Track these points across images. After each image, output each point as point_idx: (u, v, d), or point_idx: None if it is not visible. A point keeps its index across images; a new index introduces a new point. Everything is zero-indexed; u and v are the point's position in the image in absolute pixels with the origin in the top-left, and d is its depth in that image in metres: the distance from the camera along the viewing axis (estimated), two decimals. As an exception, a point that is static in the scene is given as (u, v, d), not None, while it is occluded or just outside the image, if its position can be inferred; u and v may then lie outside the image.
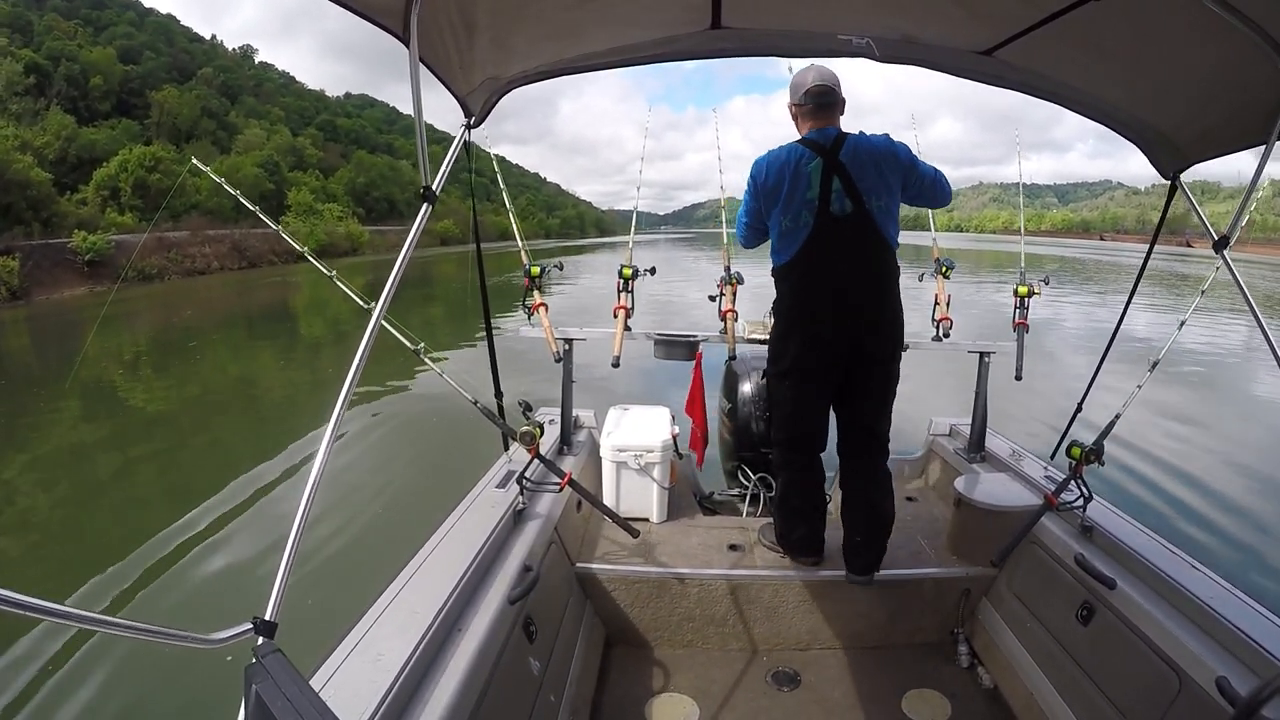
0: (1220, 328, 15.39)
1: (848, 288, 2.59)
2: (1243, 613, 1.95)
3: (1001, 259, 51.05)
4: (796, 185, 2.57)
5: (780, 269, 2.70)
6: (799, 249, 2.60)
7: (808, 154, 2.58)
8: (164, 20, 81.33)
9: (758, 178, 2.69)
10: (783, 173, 2.59)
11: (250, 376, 14.04)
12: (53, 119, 45.23)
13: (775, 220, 2.65)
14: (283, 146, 67.95)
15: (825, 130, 2.63)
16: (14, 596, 0.79)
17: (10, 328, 22.17)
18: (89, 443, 9.47)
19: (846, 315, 2.59)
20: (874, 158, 2.58)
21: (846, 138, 2.60)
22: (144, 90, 60.27)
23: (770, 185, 2.63)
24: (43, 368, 15.61)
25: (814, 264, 2.59)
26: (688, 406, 3.77)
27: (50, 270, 30.75)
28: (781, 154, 2.63)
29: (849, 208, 2.54)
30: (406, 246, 1.63)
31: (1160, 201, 2.43)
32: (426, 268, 37.17)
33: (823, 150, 2.57)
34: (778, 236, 2.67)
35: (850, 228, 2.55)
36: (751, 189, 2.74)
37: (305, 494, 1.32)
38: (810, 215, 2.55)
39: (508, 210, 3.51)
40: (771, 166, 2.64)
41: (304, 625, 1.82)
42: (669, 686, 2.72)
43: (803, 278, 2.63)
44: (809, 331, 2.65)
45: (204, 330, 20.74)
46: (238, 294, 30.49)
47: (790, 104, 2.74)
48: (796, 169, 2.57)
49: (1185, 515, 6.12)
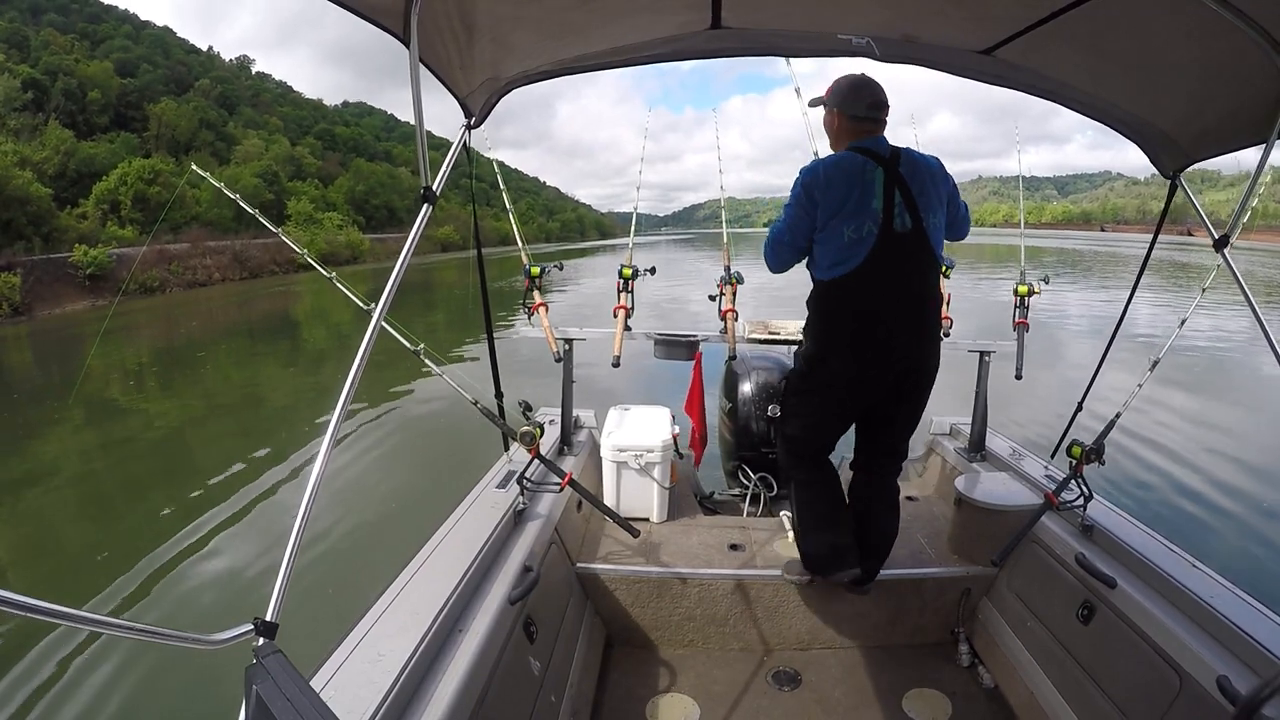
0: (1221, 320, 15.36)
1: (901, 308, 2.42)
2: (1243, 612, 1.95)
3: (1002, 253, 51.03)
4: (861, 193, 2.36)
5: (832, 283, 2.43)
6: (860, 262, 2.37)
7: (870, 162, 2.38)
8: (160, 32, 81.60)
9: (814, 185, 2.42)
10: (847, 179, 2.37)
11: (254, 384, 14.05)
12: (51, 134, 45.29)
13: (835, 231, 2.38)
14: (281, 156, 67.99)
15: (879, 141, 2.47)
16: (18, 599, 0.80)
17: (13, 344, 22.20)
18: (93, 454, 9.49)
19: (896, 336, 2.43)
20: (929, 174, 2.44)
21: (901, 151, 2.45)
22: (142, 103, 60.38)
23: (832, 192, 2.38)
24: (46, 383, 15.63)
25: (872, 280, 2.38)
26: (686, 406, 3.78)
27: (52, 285, 30.78)
28: (842, 159, 2.43)
29: (909, 223, 2.37)
30: (407, 247, 1.64)
31: (1160, 191, 2.43)
32: (427, 274, 37.24)
33: (883, 160, 2.39)
34: (836, 249, 2.40)
35: (910, 244, 2.38)
36: (803, 199, 2.44)
37: (306, 495, 1.33)
38: (875, 226, 2.35)
39: (508, 214, 3.51)
40: (833, 172, 2.41)
41: (305, 625, 1.83)
42: (670, 686, 2.72)
43: (858, 293, 2.40)
44: (855, 350, 2.44)
45: (209, 341, 20.82)
46: (240, 305, 30.53)
47: (836, 110, 2.54)
48: (862, 176, 2.37)
49: (1186, 514, 6.11)
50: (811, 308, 2.56)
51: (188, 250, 40.56)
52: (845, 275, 2.39)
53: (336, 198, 69.69)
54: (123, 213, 42.22)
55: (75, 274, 32.18)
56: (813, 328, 2.56)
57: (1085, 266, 41.82)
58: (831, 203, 2.38)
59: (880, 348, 2.42)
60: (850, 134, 2.50)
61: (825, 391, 2.55)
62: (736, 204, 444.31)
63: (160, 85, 66.34)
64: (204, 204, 42.77)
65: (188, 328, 24.17)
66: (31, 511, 7.37)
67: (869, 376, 2.46)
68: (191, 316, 26.90)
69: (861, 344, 2.42)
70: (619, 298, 3.31)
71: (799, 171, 2.49)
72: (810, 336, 2.57)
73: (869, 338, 2.41)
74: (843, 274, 2.39)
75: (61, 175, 42.68)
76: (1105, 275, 33.70)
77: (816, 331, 2.54)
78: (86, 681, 4.10)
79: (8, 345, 21.86)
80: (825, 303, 2.50)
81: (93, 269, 32.48)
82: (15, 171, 35.23)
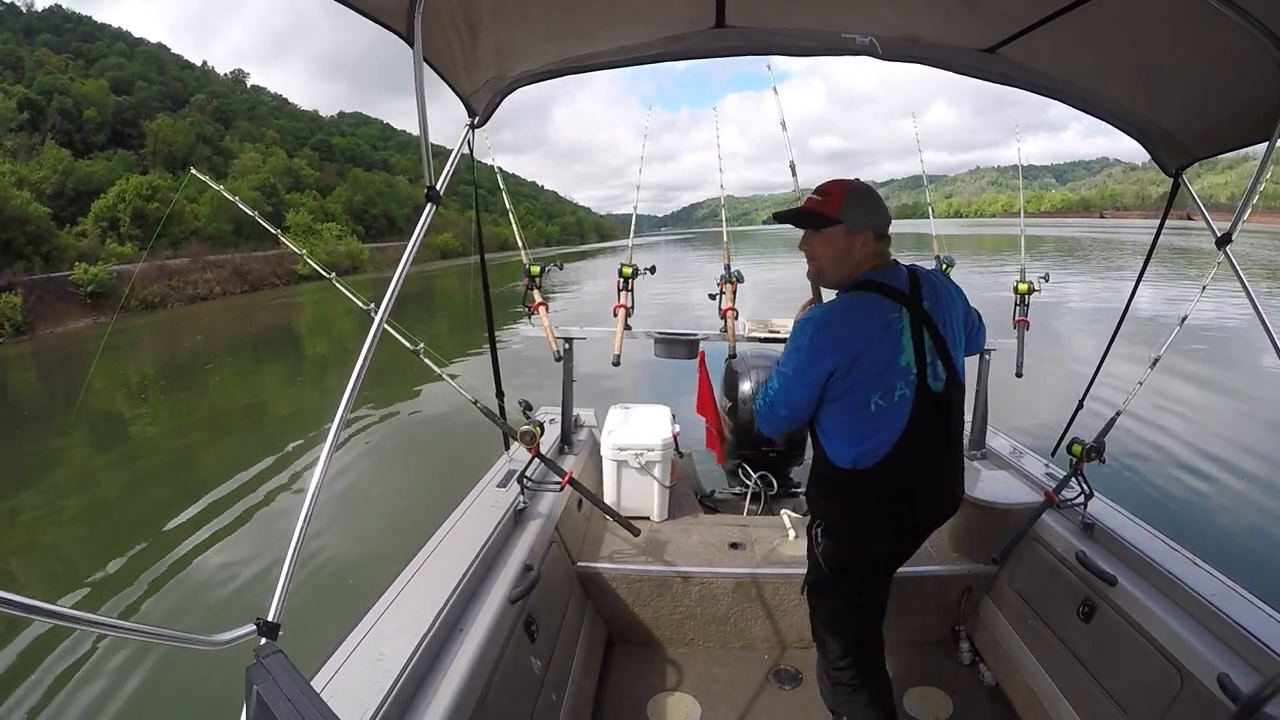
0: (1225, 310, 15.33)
1: (937, 483, 1.99)
2: (1244, 610, 1.94)
3: (1001, 243, 50.91)
4: (887, 350, 1.83)
5: (863, 473, 1.87)
6: (895, 443, 1.83)
7: (890, 304, 1.85)
8: (154, 49, 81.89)
9: (825, 348, 1.82)
10: (870, 331, 1.82)
11: (257, 395, 14.10)
12: (48, 153, 45.41)
13: (856, 401, 1.83)
14: (279, 169, 68.13)
15: (896, 270, 1.94)
16: (22, 600, 0.81)
17: (15, 363, 22.28)
18: (97, 466, 9.54)
19: (931, 508, 2.02)
20: (949, 300, 1.98)
21: (918, 276, 1.95)
22: (138, 120, 60.54)
23: (855, 354, 1.80)
24: (50, 401, 15.68)
25: (910, 461, 1.86)
26: (698, 406, 3.77)
27: (53, 304, 30.89)
28: (859, 305, 1.87)
29: (942, 376, 1.89)
30: (411, 245, 1.64)
31: (1159, 175, 2.42)
32: (428, 282, 37.29)
33: (905, 299, 1.87)
34: (859, 424, 1.85)
35: (946, 406, 1.91)
36: (807, 365, 1.85)
37: (308, 497, 1.33)
38: (909, 389, 1.83)
39: (508, 217, 3.50)
40: (850, 324, 1.83)
41: (306, 626, 1.84)
42: (671, 685, 2.73)
43: (890, 477, 1.87)
44: (886, 538, 2.00)
45: (212, 355, 20.85)
46: (242, 318, 30.59)
47: (868, 229, 1.90)
48: (886, 327, 1.83)
49: (1187, 512, 6.11)
50: (825, 494, 2.01)
51: (188, 265, 40.70)
52: (885, 459, 1.85)
53: (335, 208, 69.90)
54: (122, 230, 42.34)
55: (76, 292, 32.31)
56: (830, 520, 2.00)
57: (1083, 254, 41.76)
58: (858, 368, 1.82)
59: (913, 522, 2.01)
60: (870, 260, 1.93)
61: (859, 595, 2.09)
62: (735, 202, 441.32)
63: (156, 102, 66.56)
64: (203, 218, 42.88)
65: (190, 342, 24.24)
66: (38, 517, 7.44)
67: (903, 549, 2.07)
68: (194, 331, 26.97)
69: (894, 527, 1.98)
70: (619, 296, 3.31)
71: (797, 324, 1.93)
72: (829, 533, 2.00)
73: (903, 517, 1.97)
74: (872, 464, 1.85)
75: (60, 194, 42.81)
76: (1105, 264, 33.60)
77: (838, 527, 1.99)
78: (90, 682, 4.15)
79: (11, 365, 21.94)
80: (847, 494, 1.94)
81: (94, 286, 32.62)
82: (14, 191, 35.38)
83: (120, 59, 71.53)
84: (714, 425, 3.79)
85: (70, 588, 5.46)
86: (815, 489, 2.04)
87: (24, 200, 35.42)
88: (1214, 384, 10.53)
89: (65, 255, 35.37)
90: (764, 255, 46.70)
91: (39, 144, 46.91)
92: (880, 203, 1.96)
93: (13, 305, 27.88)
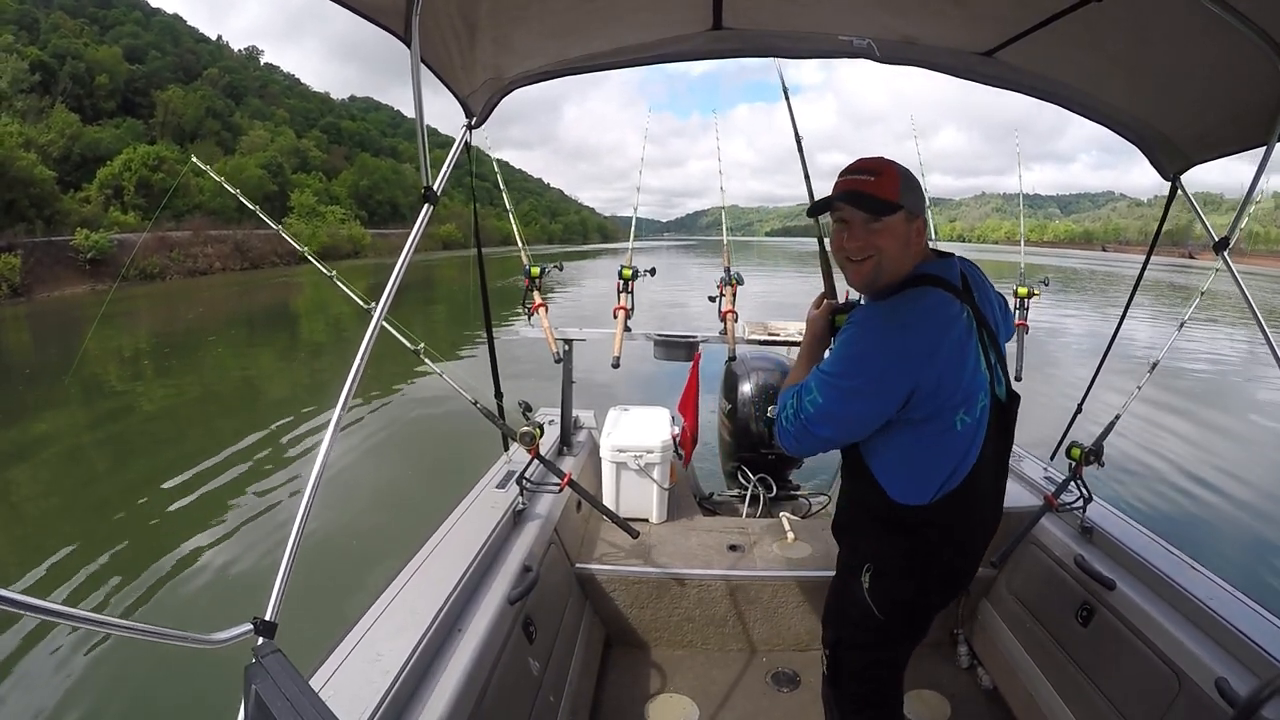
0: (1222, 332, 15.41)
1: (997, 504, 1.74)
2: (1242, 614, 1.94)
3: (1004, 269, 50.96)
4: (971, 355, 1.55)
5: (937, 506, 1.57)
6: (974, 463, 1.56)
7: (956, 302, 1.56)
8: (170, 20, 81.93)
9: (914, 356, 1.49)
10: (953, 337, 1.52)
11: (253, 377, 14.04)
12: (57, 117, 45.43)
13: (944, 424, 1.53)
14: (286, 148, 68.24)
15: (948, 261, 1.67)
16: (19, 598, 0.79)
17: (11, 324, 22.22)
18: (88, 441, 9.50)
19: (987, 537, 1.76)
20: (990, 294, 1.76)
21: (965, 269, 1.70)
22: (149, 90, 60.60)
23: (943, 364, 1.50)
24: (43, 364, 15.62)
25: (983, 482, 1.61)
26: (680, 405, 3.78)
27: (52, 268, 30.86)
28: (933, 303, 1.55)
29: (1003, 381, 1.65)
30: (408, 247, 1.62)
31: (1161, 213, 2.43)
32: (429, 272, 37.31)
33: (962, 294, 1.60)
34: (941, 444, 1.55)
35: (1011, 416, 1.67)
36: (884, 376, 1.50)
37: (306, 495, 1.32)
38: (987, 399, 1.56)
39: (509, 214, 3.51)
40: (935, 330, 1.51)
41: (304, 625, 1.82)
42: (669, 687, 2.71)
43: (971, 507, 1.61)
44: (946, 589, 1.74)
45: (210, 330, 20.82)
46: (240, 295, 30.56)
47: (914, 215, 1.60)
48: (964, 329, 1.55)
49: (1185, 516, 6.14)
50: (880, 536, 1.67)
51: (189, 238, 40.73)
52: (954, 490, 1.56)
53: (340, 191, 70.03)
54: (126, 198, 42.33)
55: (76, 257, 32.30)
56: (886, 563, 1.67)
57: (1080, 285, 41.96)
58: (947, 380, 1.51)
59: (975, 553, 1.75)
60: (921, 252, 1.64)
61: (894, 640, 1.81)
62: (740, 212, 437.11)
63: (168, 73, 66.61)
64: (207, 192, 42.78)
65: (188, 316, 24.17)
66: (29, 511, 7.35)
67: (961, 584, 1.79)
68: (192, 304, 26.92)
69: (962, 563, 1.72)
70: (619, 298, 3.31)
71: (854, 327, 1.58)
72: (884, 576, 1.67)
73: (970, 553, 1.72)
74: (953, 489, 1.56)
75: (66, 158, 42.81)
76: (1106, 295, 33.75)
77: (899, 569, 1.66)
78: (86, 681, 4.08)
79: (6, 326, 21.87)
80: (915, 535, 1.62)
81: (94, 253, 32.62)
82: (20, 153, 35.32)
83: (135, 27, 71.58)
84: (690, 427, 3.80)
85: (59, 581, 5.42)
86: (864, 529, 1.71)
87: (30, 162, 35.37)
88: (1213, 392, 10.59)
89: (68, 220, 35.32)
90: (766, 266, 46.83)
91: (49, 107, 46.94)
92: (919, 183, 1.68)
93: (11, 266, 27.85)
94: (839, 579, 1.81)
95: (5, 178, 32.80)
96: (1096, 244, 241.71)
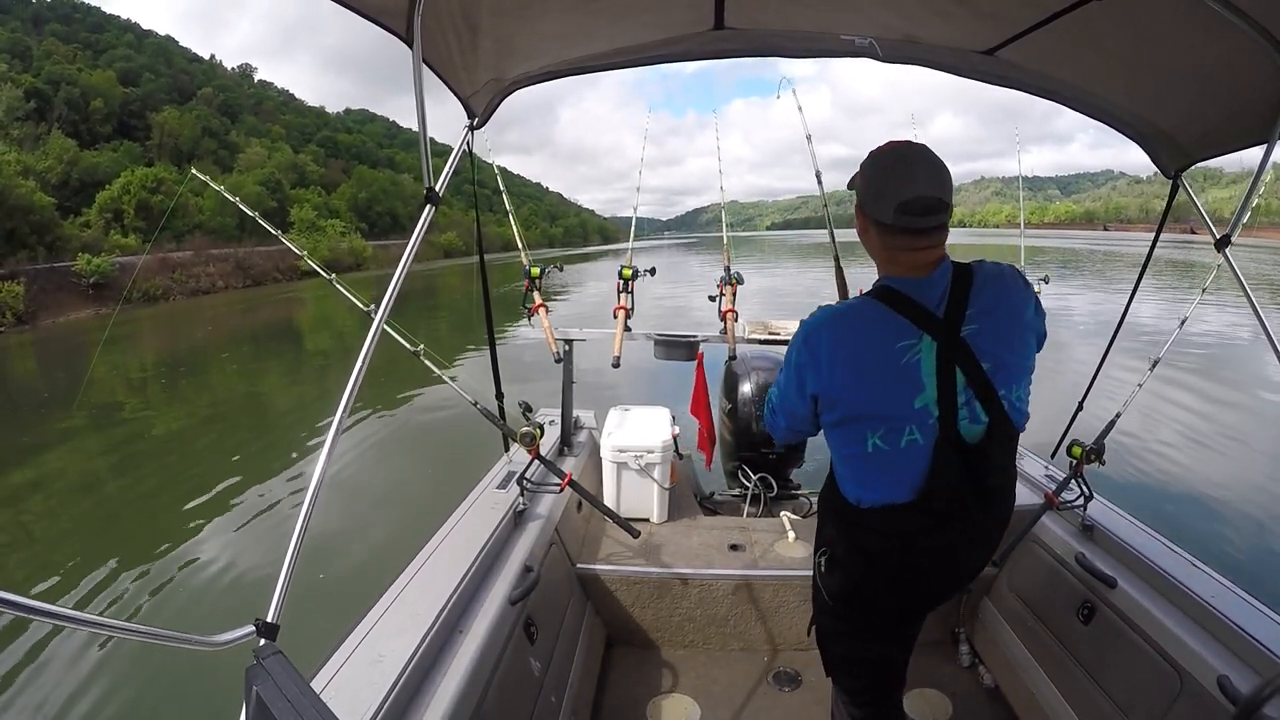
0: (1225, 321, 15.34)
1: (960, 554, 1.63)
2: (1244, 611, 1.94)
3: (1005, 253, 50.74)
4: (890, 385, 1.47)
5: (869, 513, 1.56)
6: (908, 495, 1.51)
7: (907, 328, 1.46)
8: (163, 41, 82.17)
9: (808, 364, 1.55)
10: (867, 360, 1.48)
11: (258, 390, 14.12)
12: (54, 143, 45.54)
13: (852, 436, 1.53)
14: (284, 164, 68.27)
15: (931, 278, 1.50)
16: (21, 600, 0.81)
17: (16, 352, 22.29)
18: (97, 459, 9.54)
19: (963, 564, 1.68)
20: (1010, 312, 1.52)
21: (970, 281, 1.50)
22: (144, 112, 60.69)
23: (841, 380, 1.50)
24: (51, 391, 15.69)
25: (926, 521, 1.53)
26: (692, 408, 3.78)
27: (55, 294, 30.93)
28: (861, 318, 1.51)
29: (982, 420, 1.48)
30: (409, 247, 1.64)
31: (1162, 189, 2.42)
32: (431, 280, 37.33)
33: (933, 324, 1.46)
34: (857, 461, 1.56)
35: (979, 458, 1.49)
36: (793, 380, 1.60)
37: (308, 497, 1.33)
38: (921, 434, 1.47)
39: (509, 216, 3.51)
40: (844, 341, 1.50)
41: (305, 627, 1.83)
42: (670, 687, 2.73)
43: (906, 537, 1.56)
44: (905, 591, 1.68)
45: (213, 348, 20.90)
46: (244, 312, 30.61)
47: (859, 209, 1.57)
48: (890, 355, 1.46)
49: (1186, 514, 6.11)
50: (832, 521, 1.70)
51: (191, 258, 40.76)
52: (883, 509, 1.54)
53: (339, 205, 69.95)
54: (126, 221, 42.37)
55: (79, 282, 32.36)
56: (835, 551, 1.69)
57: (1078, 265, 41.84)
58: (843, 397, 1.51)
59: (920, 592, 1.70)
60: (892, 254, 1.54)
61: (867, 634, 1.79)
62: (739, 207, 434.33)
63: (163, 94, 66.69)
64: (207, 212, 42.96)
65: (192, 336, 24.25)
66: (35, 516, 7.42)
67: (915, 608, 1.77)
68: (196, 324, 26.98)
69: (915, 583, 1.65)
70: (619, 298, 3.31)
71: (799, 325, 1.61)
72: (834, 565, 1.69)
73: (928, 575, 1.64)
74: (877, 505, 1.54)
75: (65, 184, 42.90)
76: (1109, 276, 33.65)
77: (845, 563, 1.67)
78: (88, 683, 4.14)
79: (11, 354, 21.95)
80: (854, 530, 1.62)
81: (96, 277, 32.67)
82: (19, 181, 35.39)
83: (128, 50, 71.67)
84: (706, 427, 3.80)
85: (68, 587, 5.47)
86: (826, 516, 1.74)
87: (29, 190, 35.40)
88: (1214, 388, 10.54)
89: (69, 246, 35.36)
90: (767, 262, 46.76)
91: (45, 133, 47.07)
92: (886, 175, 1.51)
93: (15, 294, 27.92)
94: (813, 565, 1.84)
95: (5, 206, 32.86)
96: (1098, 224, 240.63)
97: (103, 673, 4.22)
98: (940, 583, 1.69)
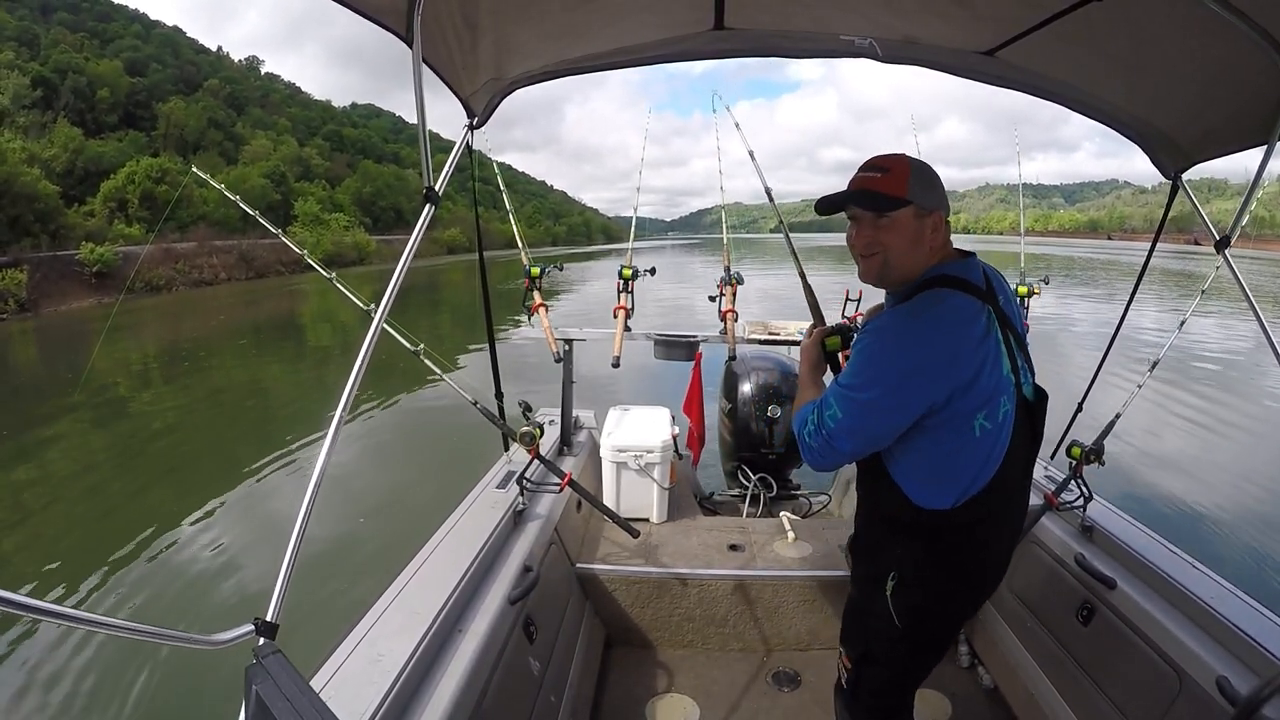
0: (1224, 327, 15.34)
1: (1022, 507, 1.71)
2: (1243, 612, 1.94)
3: (1008, 260, 50.77)
4: (990, 360, 1.49)
5: (961, 510, 1.53)
6: (997, 468, 1.52)
7: (977, 304, 1.52)
8: (170, 32, 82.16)
9: (935, 364, 1.47)
10: (974, 341, 1.49)
11: (258, 383, 14.10)
12: (60, 132, 45.56)
13: (959, 426, 1.49)
14: (289, 157, 68.29)
15: (970, 261, 1.62)
16: (19, 599, 0.81)
17: (19, 339, 22.31)
18: (96, 451, 9.56)
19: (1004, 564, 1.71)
20: (1010, 293, 1.70)
21: (986, 269, 1.64)
22: (150, 102, 60.71)
23: (960, 365, 1.47)
24: (52, 378, 15.68)
25: (1008, 486, 1.56)
26: (685, 406, 3.79)
27: (58, 282, 30.93)
28: (950, 306, 1.51)
29: (1030, 381, 1.61)
30: (409, 248, 1.64)
31: (1166, 199, 2.42)
32: (433, 277, 37.34)
33: (985, 295, 1.55)
34: (960, 449, 1.51)
35: (1039, 415, 1.63)
36: (897, 391, 1.48)
37: (307, 496, 1.33)
38: (1010, 403, 1.52)
39: (510, 214, 3.51)
40: (957, 335, 1.49)
41: (305, 626, 1.84)
42: (669, 687, 2.73)
43: (996, 511, 1.57)
44: (979, 590, 1.70)
45: (215, 339, 20.92)
46: (246, 304, 30.59)
47: (926, 211, 1.56)
48: (982, 334, 1.50)
49: (1186, 515, 6.12)
50: (903, 542, 1.62)
51: (194, 249, 40.76)
52: (978, 495, 1.52)
53: (344, 199, 69.98)
54: (130, 211, 42.41)
55: (82, 271, 32.36)
56: (908, 570, 1.61)
57: (1075, 273, 41.80)
58: (963, 385, 1.47)
59: (999, 571, 1.71)
60: (941, 250, 1.61)
61: (929, 648, 1.75)
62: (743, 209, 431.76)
63: (169, 85, 66.69)
64: (211, 203, 42.91)
65: (194, 326, 24.25)
66: (35, 511, 7.41)
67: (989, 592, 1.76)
68: (198, 315, 26.99)
69: (983, 581, 1.69)
70: (619, 298, 3.32)
71: (870, 335, 1.55)
72: (908, 585, 1.62)
73: (995, 561, 1.67)
74: (976, 493, 1.52)
75: (70, 173, 42.89)
76: (1111, 285, 33.62)
77: (925, 579, 1.61)
78: (87, 682, 4.13)
79: (14, 341, 21.97)
80: (939, 540, 1.57)
81: (99, 267, 32.66)
82: (24, 169, 35.39)
83: (135, 40, 71.66)
84: (696, 427, 3.80)
85: (63, 580, 5.47)
86: (886, 537, 1.65)
87: (33, 177, 35.41)
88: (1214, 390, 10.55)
89: (72, 234, 35.38)
90: (769, 264, 46.72)
91: (51, 122, 47.09)
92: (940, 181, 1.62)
93: (18, 281, 27.93)
94: (858, 592, 1.79)
95: (10, 194, 32.86)
96: (1102, 233, 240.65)
97: (103, 672, 4.22)
98: (998, 573, 1.70)
